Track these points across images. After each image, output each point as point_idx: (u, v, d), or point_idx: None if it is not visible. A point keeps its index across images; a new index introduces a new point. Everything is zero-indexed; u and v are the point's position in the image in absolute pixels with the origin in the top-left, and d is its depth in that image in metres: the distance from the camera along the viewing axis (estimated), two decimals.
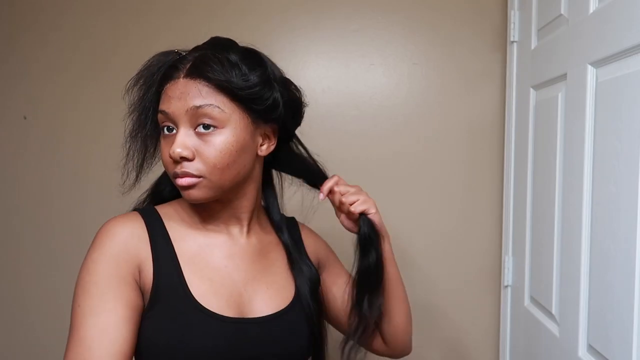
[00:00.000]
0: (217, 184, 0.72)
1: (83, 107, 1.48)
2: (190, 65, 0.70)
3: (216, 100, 0.69)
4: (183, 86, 0.69)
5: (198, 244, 0.78)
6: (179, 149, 0.69)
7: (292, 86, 0.82)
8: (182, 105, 0.69)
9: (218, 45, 0.74)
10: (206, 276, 0.75)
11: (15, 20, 1.48)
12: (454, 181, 1.43)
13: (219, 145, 0.70)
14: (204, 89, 0.69)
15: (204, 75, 0.69)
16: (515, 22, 1.30)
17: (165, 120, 0.72)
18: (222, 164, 0.70)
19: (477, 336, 1.45)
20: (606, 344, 0.84)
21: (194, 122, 0.70)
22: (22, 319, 1.53)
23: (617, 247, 0.80)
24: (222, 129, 0.70)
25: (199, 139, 0.70)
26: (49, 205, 1.50)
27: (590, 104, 0.90)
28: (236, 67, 0.70)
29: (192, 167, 0.70)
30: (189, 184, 0.70)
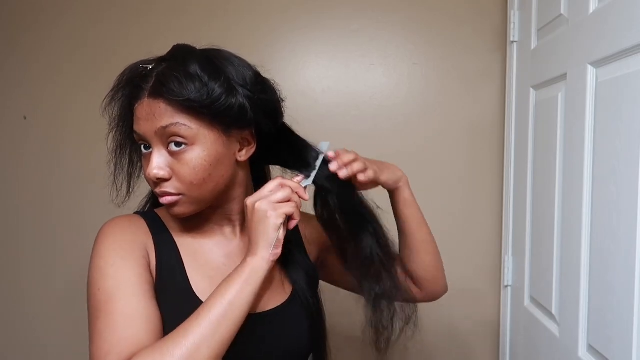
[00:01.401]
0: (198, 199, 0.73)
1: (83, 107, 1.48)
2: (152, 84, 0.70)
3: (181, 119, 0.68)
4: (148, 107, 0.69)
5: (198, 244, 0.80)
6: (155, 171, 0.70)
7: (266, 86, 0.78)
8: (150, 127, 0.69)
9: (178, 57, 0.72)
10: (206, 274, 0.77)
11: (15, 20, 1.48)
12: (454, 181, 1.43)
13: (192, 163, 0.70)
14: (168, 108, 0.68)
15: (164, 95, 0.68)
16: (515, 22, 1.30)
17: (140, 140, 0.73)
18: (198, 180, 0.71)
19: (477, 336, 1.45)
20: (606, 344, 0.84)
21: (164, 142, 0.70)
22: (22, 318, 1.53)
23: (617, 247, 0.81)
24: (193, 145, 0.70)
25: (173, 158, 0.70)
26: (49, 205, 1.50)
27: (590, 104, 0.90)
28: (196, 80, 0.68)
29: (170, 186, 0.71)
30: (169, 202, 0.72)
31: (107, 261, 0.70)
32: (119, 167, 0.78)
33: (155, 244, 0.76)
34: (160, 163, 0.70)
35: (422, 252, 0.91)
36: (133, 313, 0.66)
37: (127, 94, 0.73)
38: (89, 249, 1.62)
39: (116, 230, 0.74)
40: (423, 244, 0.91)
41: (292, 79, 1.43)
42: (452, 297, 1.43)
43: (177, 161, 0.70)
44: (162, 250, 0.76)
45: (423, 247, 0.91)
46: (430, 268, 0.92)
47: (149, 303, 0.68)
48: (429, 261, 0.92)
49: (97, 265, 0.70)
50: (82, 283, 0.81)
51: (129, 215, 0.79)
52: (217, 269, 0.78)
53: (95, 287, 0.69)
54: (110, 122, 0.76)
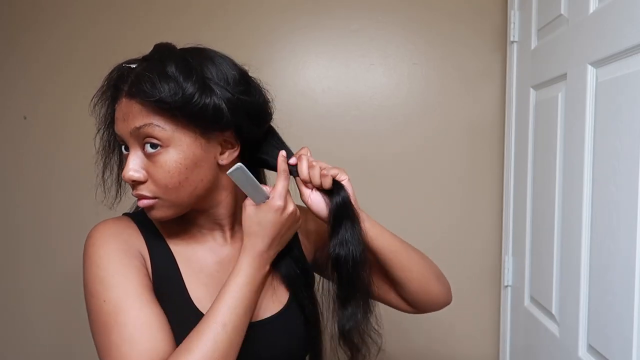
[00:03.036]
0: (175, 203, 0.70)
1: (83, 107, 1.46)
2: (128, 85, 0.68)
3: (155, 120, 0.66)
4: (125, 107, 0.68)
5: (191, 248, 0.77)
6: (130, 173, 0.68)
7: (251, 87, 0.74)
8: (126, 127, 0.68)
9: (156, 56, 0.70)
10: (201, 281, 0.75)
11: (15, 20, 1.48)
12: (454, 181, 1.43)
13: (167, 166, 0.67)
14: (142, 109, 0.66)
15: (138, 95, 0.66)
16: (515, 22, 1.30)
17: (120, 140, 0.71)
18: (174, 184, 0.68)
19: (477, 336, 1.45)
20: (606, 344, 0.84)
21: (140, 143, 0.68)
22: (21, 318, 1.53)
23: (617, 247, 0.80)
24: (168, 147, 0.67)
25: (148, 160, 0.68)
26: (49, 205, 1.50)
27: (590, 104, 0.90)
28: (170, 80, 0.65)
29: (146, 189, 0.69)
30: (145, 206, 0.70)
31: (108, 271, 0.67)
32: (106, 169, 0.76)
33: (150, 250, 0.73)
34: (136, 165, 0.68)
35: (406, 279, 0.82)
36: (147, 323, 0.64)
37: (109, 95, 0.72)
38: None
39: (109, 237, 0.70)
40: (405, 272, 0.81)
41: (292, 79, 1.43)
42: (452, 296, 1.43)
43: (152, 163, 0.68)
44: (157, 256, 0.73)
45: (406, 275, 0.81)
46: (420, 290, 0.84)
47: (158, 310, 0.67)
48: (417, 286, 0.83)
49: (97, 275, 0.67)
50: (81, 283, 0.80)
51: (118, 218, 0.75)
52: (211, 275, 0.76)
53: (100, 299, 0.66)
54: (97, 123, 0.75)
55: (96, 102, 0.73)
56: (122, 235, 0.71)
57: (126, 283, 0.66)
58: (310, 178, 0.77)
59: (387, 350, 1.51)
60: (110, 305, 0.65)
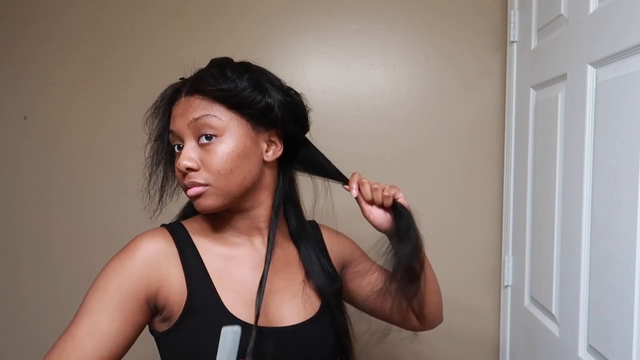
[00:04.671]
0: (225, 190, 0.74)
1: (83, 107, 1.48)
2: (189, 84, 0.76)
3: (212, 110, 0.73)
4: (184, 104, 0.75)
5: (224, 257, 0.80)
6: (185, 161, 0.73)
7: (292, 91, 0.83)
8: (184, 121, 0.74)
9: (214, 63, 0.79)
10: (233, 289, 0.77)
11: (15, 20, 1.48)
12: (454, 181, 1.43)
13: (221, 152, 0.73)
14: (201, 102, 0.74)
15: (199, 89, 0.74)
16: (515, 22, 1.30)
17: (174, 139, 0.77)
18: (226, 170, 0.73)
19: (477, 336, 1.45)
20: (606, 344, 0.84)
21: (196, 135, 0.74)
22: (21, 318, 1.53)
23: (617, 247, 0.80)
24: (222, 136, 0.74)
25: (203, 150, 0.74)
26: (49, 205, 1.50)
27: (590, 104, 0.90)
28: (227, 77, 0.74)
29: (199, 176, 0.73)
30: (196, 193, 0.74)
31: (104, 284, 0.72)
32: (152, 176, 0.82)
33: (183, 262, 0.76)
34: (191, 154, 0.73)
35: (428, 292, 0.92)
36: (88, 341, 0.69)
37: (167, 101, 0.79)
38: (88, 248, 1.62)
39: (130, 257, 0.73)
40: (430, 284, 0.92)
41: (292, 79, 1.41)
42: (452, 297, 1.43)
43: (206, 152, 0.73)
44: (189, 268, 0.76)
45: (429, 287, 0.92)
46: (434, 306, 0.95)
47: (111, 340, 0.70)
48: (434, 300, 0.94)
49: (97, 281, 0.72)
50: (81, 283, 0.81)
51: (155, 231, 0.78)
52: (244, 282, 0.78)
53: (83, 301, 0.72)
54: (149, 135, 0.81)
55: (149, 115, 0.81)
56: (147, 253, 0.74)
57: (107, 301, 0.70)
58: (373, 199, 0.86)
59: (386, 350, 1.52)
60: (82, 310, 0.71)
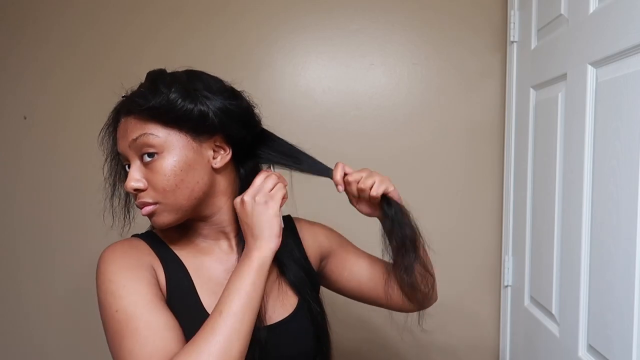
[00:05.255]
0: (175, 206, 0.74)
1: (83, 107, 1.48)
2: (124, 105, 0.76)
3: (148, 129, 0.73)
4: (123, 125, 0.75)
5: (200, 260, 0.81)
6: (132, 183, 0.73)
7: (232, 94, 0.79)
8: (125, 143, 0.74)
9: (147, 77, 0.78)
10: (211, 290, 0.78)
11: (15, 20, 1.48)
12: (454, 181, 1.43)
13: (163, 170, 0.73)
14: (137, 122, 0.73)
15: (132, 110, 0.74)
16: (515, 22, 1.30)
17: (123, 160, 0.77)
18: (171, 186, 0.73)
19: (477, 336, 1.45)
20: (606, 344, 0.84)
21: (138, 154, 0.74)
22: (21, 318, 1.53)
23: (617, 247, 0.81)
24: (162, 153, 0.73)
25: (147, 169, 0.74)
26: (49, 205, 1.50)
27: (590, 104, 0.90)
28: (157, 92, 0.73)
29: (147, 195, 0.74)
30: (148, 212, 0.74)
31: (117, 284, 0.70)
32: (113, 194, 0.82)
33: (162, 262, 0.77)
34: (136, 175, 0.73)
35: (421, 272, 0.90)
36: (157, 326, 0.67)
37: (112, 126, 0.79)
38: (87, 248, 1.61)
39: (117, 254, 0.74)
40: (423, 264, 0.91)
41: (292, 79, 1.43)
42: (452, 296, 1.44)
43: (150, 171, 0.73)
44: (169, 267, 0.77)
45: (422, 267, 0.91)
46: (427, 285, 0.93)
47: (168, 315, 0.70)
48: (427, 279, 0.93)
49: (108, 289, 0.71)
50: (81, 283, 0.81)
51: (127, 239, 0.80)
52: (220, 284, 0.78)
53: (112, 310, 0.69)
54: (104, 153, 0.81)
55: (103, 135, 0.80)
56: (131, 252, 0.75)
57: (135, 293, 0.70)
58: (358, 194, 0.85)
59: (386, 350, 1.52)
60: (122, 314, 0.68)
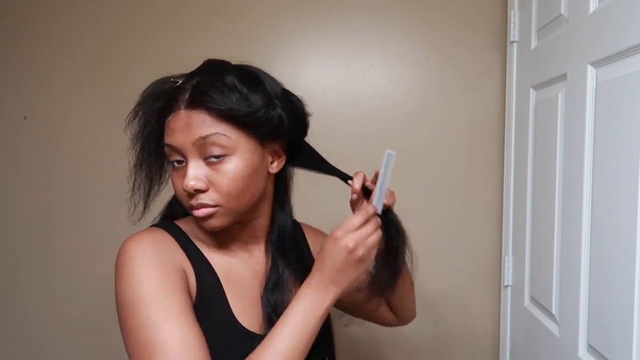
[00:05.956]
0: (235, 210, 0.71)
1: (83, 107, 1.48)
2: (189, 95, 0.69)
3: (221, 129, 0.68)
4: (185, 118, 0.68)
5: (227, 262, 0.78)
6: (192, 182, 0.68)
7: (294, 98, 0.79)
8: (188, 137, 0.68)
9: (213, 69, 0.73)
10: (239, 295, 0.76)
11: (15, 20, 1.48)
12: (454, 181, 1.43)
13: (231, 173, 0.69)
14: (207, 118, 0.68)
15: (204, 105, 0.68)
16: (515, 22, 1.30)
17: (173, 154, 0.71)
18: (237, 191, 0.70)
19: (477, 336, 1.45)
20: (606, 344, 0.84)
21: (202, 153, 0.69)
22: (20, 318, 1.53)
23: (617, 247, 0.80)
24: (232, 155, 0.69)
25: (210, 168, 0.69)
26: (48, 205, 1.50)
27: (590, 104, 0.90)
28: (235, 91, 0.69)
29: (208, 197, 0.69)
30: (206, 215, 0.70)
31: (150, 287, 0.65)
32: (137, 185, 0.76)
33: (192, 263, 0.73)
34: (198, 174, 0.69)
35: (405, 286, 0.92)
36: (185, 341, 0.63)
37: (157, 108, 0.71)
38: (88, 248, 1.61)
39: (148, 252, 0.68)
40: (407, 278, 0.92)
41: (292, 79, 1.43)
42: (452, 297, 1.44)
43: (214, 172, 0.69)
44: (199, 269, 0.73)
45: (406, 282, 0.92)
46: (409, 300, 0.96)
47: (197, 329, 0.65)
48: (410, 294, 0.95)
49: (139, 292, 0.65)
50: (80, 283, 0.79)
51: (153, 231, 0.74)
52: (248, 290, 0.77)
53: (142, 317, 0.63)
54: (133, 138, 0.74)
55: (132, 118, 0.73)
56: (162, 250, 0.70)
57: (167, 301, 0.65)
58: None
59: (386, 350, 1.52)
60: (151, 322, 0.63)
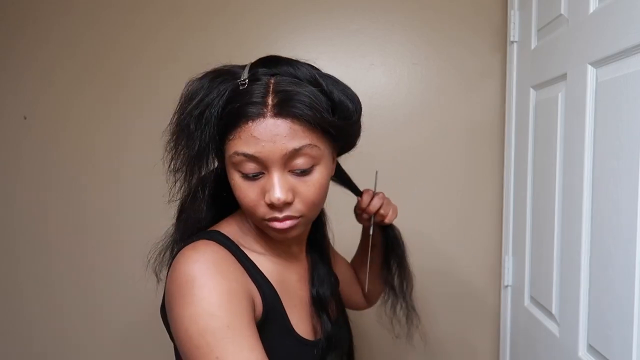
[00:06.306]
0: (312, 219, 0.71)
1: (83, 107, 1.48)
2: (276, 102, 0.62)
3: (312, 140, 0.63)
4: (273, 127, 0.61)
5: (279, 271, 0.74)
6: (283, 196, 0.63)
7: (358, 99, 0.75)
8: (277, 149, 0.62)
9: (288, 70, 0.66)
10: (293, 304, 0.74)
11: (15, 20, 1.48)
12: (454, 181, 1.43)
13: (317, 183, 0.66)
14: (298, 128, 0.62)
15: (294, 114, 0.62)
16: (515, 22, 1.30)
17: (250, 164, 0.63)
18: (320, 200, 0.67)
19: (477, 336, 1.45)
20: (606, 344, 0.84)
21: (290, 164, 0.64)
22: (20, 318, 1.53)
23: (617, 247, 0.80)
24: (318, 165, 0.66)
25: (295, 179, 0.65)
26: (49, 205, 1.50)
27: (590, 104, 0.90)
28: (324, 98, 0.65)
29: (293, 209, 0.65)
30: (290, 227, 0.66)
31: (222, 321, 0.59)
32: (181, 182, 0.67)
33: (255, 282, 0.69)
34: (285, 186, 0.64)
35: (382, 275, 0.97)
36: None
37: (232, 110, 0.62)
38: (88, 248, 1.61)
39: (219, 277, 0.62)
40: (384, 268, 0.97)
41: None
42: (452, 296, 1.44)
43: (300, 182, 0.65)
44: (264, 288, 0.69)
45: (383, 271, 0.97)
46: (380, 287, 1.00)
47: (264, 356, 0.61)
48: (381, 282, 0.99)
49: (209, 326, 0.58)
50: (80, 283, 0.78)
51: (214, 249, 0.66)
52: (297, 296, 0.76)
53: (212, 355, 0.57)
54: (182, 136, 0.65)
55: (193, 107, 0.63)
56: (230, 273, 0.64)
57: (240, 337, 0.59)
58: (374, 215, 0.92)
59: (386, 350, 1.51)
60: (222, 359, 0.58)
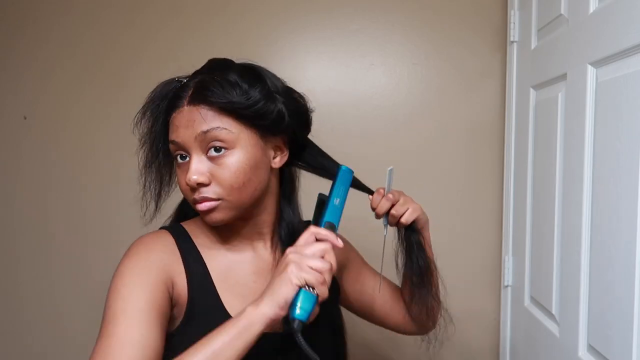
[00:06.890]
0: (237, 204, 0.73)
1: (83, 107, 1.48)
2: (191, 92, 0.72)
3: (222, 123, 0.70)
4: (188, 114, 0.71)
5: (228, 260, 0.79)
6: (195, 176, 0.70)
7: (296, 94, 0.81)
8: (190, 133, 0.70)
9: (216, 66, 0.75)
10: (238, 293, 0.77)
11: (15, 20, 1.48)
12: (454, 181, 1.43)
13: (233, 166, 0.71)
14: (208, 113, 0.70)
15: (206, 100, 0.70)
16: (515, 22, 1.30)
17: (177, 149, 0.73)
18: (238, 184, 0.71)
19: (477, 336, 1.45)
20: (606, 344, 0.84)
21: (204, 147, 0.71)
22: (20, 318, 1.53)
23: (617, 247, 0.80)
24: (233, 149, 0.71)
25: (212, 163, 0.71)
26: (49, 205, 1.50)
27: (590, 104, 0.90)
28: (236, 86, 0.71)
29: (210, 191, 0.71)
30: (208, 208, 0.71)
31: (123, 282, 0.69)
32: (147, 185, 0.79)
33: (185, 263, 0.75)
34: (200, 168, 0.71)
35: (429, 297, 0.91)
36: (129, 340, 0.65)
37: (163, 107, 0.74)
38: (87, 248, 1.62)
39: (141, 251, 0.73)
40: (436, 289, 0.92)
41: (292, 79, 1.41)
42: (452, 297, 1.43)
43: (217, 166, 0.71)
44: (191, 269, 0.75)
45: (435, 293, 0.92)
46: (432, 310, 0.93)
47: (151, 331, 0.66)
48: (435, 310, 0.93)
49: (114, 284, 0.70)
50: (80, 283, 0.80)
51: (157, 233, 0.78)
52: (248, 287, 0.77)
53: (107, 306, 0.68)
54: (141, 139, 0.77)
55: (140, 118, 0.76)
56: (156, 250, 0.74)
57: (132, 298, 0.68)
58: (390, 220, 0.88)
59: (386, 350, 1.51)
60: (110, 314, 0.67)
